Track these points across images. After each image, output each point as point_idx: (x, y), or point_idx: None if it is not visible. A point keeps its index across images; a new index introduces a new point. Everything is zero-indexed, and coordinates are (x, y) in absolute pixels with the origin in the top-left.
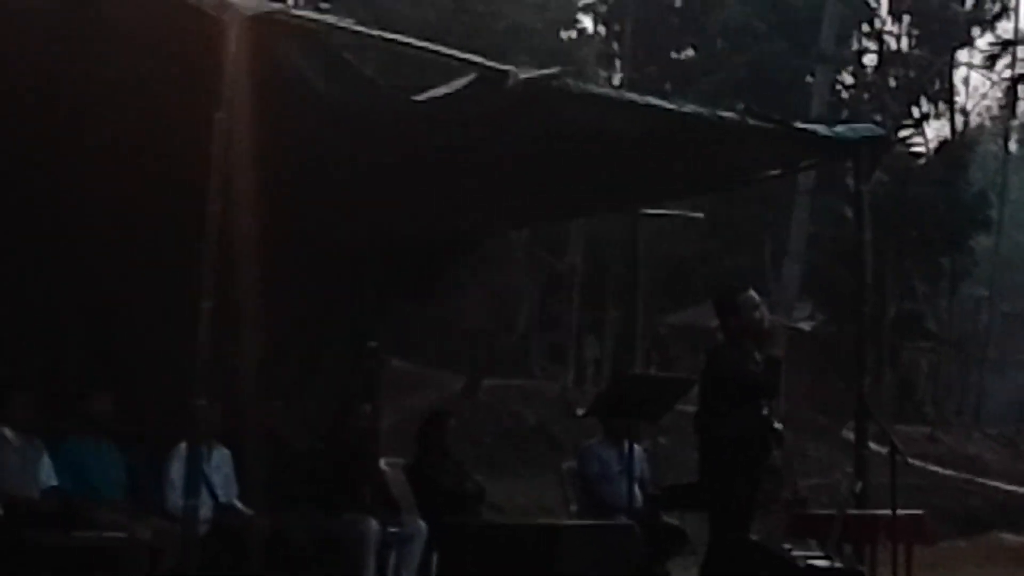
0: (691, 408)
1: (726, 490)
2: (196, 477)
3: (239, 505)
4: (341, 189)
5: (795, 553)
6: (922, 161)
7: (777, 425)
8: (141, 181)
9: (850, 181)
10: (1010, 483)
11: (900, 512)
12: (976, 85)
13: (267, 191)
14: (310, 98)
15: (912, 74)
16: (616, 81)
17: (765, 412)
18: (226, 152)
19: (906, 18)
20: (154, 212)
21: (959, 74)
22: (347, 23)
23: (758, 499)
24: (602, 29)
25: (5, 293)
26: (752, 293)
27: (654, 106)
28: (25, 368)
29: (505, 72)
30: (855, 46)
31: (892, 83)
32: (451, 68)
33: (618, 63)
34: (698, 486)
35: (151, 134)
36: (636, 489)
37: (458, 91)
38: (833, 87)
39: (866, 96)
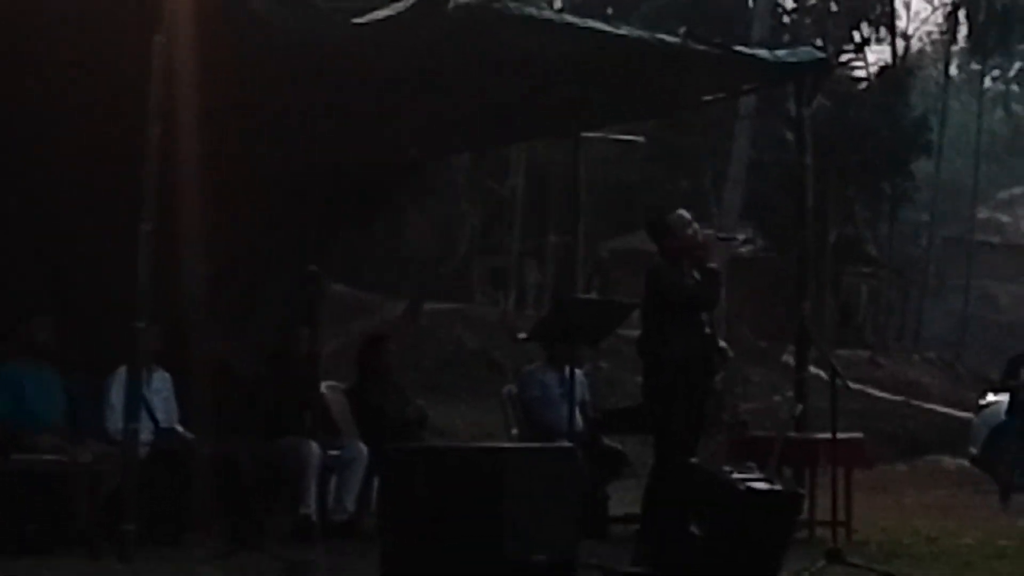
0: (633, 332)
1: (668, 413)
2: (136, 400)
3: (180, 429)
4: (283, 114)
5: (735, 476)
6: (863, 86)
7: (722, 344)
8: (82, 104)
9: (791, 106)
10: (949, 407)
11: (840, 436)
12: (917, 10)
13: (208, 116)
14: (250, 21)
15: None
16: (557, 4)
17: (708, 331)
18: (165, 76)
19: None
20: (95, 136)
21: None
22: None
23: (701, 422)
24: None
25: None
26: (682, 212)
27: (595, 29)
28: None
29: None
30: None
31: (833, 7)
32: None
33: None
34: (640, 409)
35: (91, 57)
36: (577, 413)
37: (399, 14)
38: (774, 11)
39: (807, 21)
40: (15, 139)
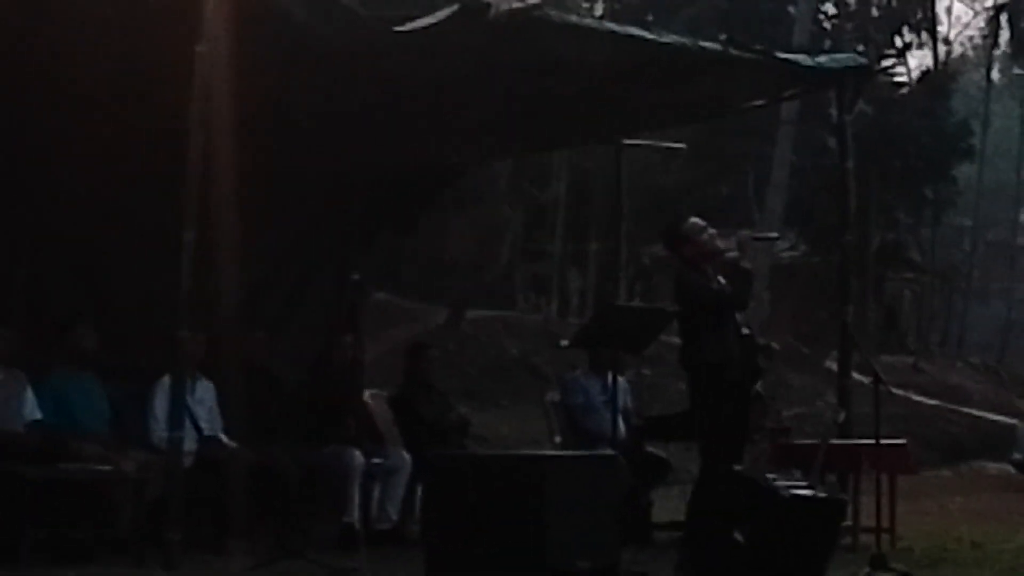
0: (675, 339)
1: (712, 419)
2: (180, 409)
3: (223, 438)
4: (324, 122)
5: (778, 482)
6: (905, 91)
7: (763, 341)
8: (124, 114)
9: (833, 111)
10: (992, 412)
11: (883, 441)
12: (959, 14)
13: (249, 124)
14: (291, 30)
15: (894, 3)
16: (598, 11)
17: (746, 332)
18: (207, 85)
19: None
20: (138, 144)
21: (942, 3)
22: None
23: (746, 427)
24: None
25: None
26: (695, 219)
27: (636, 36)
28: (8, 301)
29: (487, 3)
30: None
31: (874, 13)
32: (433, 1)
33: None
34: (684, 416)
35: (134, 68)
36: (620, 420)
37: (440, 22)
38: (815, 17)
39: (849, 26)
40: (59, 148)
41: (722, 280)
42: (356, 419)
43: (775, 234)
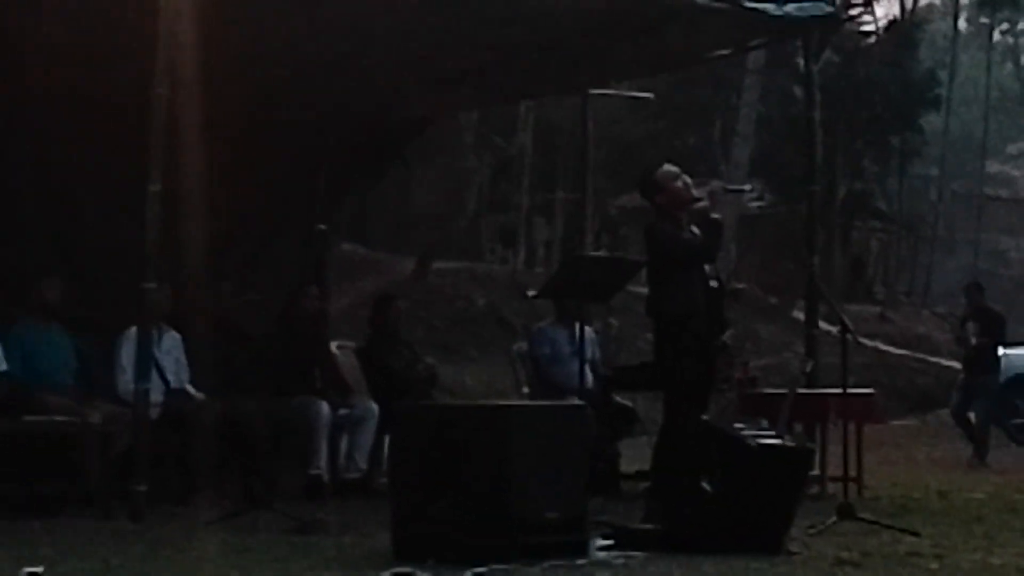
0: (642, 290)
1: (677, 369)
2: (146, 361)
3: (191, 389)
4: (291, 72)
5: (746, 432)
6: (872, 40)
7: (731, 286)
8: (89, 66)
9: (800, 60)
10: (959, 361)
11: (850, 391)
12: None
13: (216, 75)
14: None
15: None
16: None
17: (714, 284)
18: (172, 35)
19: None
20: (102, 96)
21: None
22: None
23: (711, 377)
24: None
25: None
26: (670, 166)
27: None
28: None
29: None
30: None
31: None
32: None
33: None
34: (650, 366)
35: (99, 19)
36: (587, 370)
37: None
38: None
39: None
40: (27, 102)
41: (695, 230)
42: (323, 370)
43: (747, 186)
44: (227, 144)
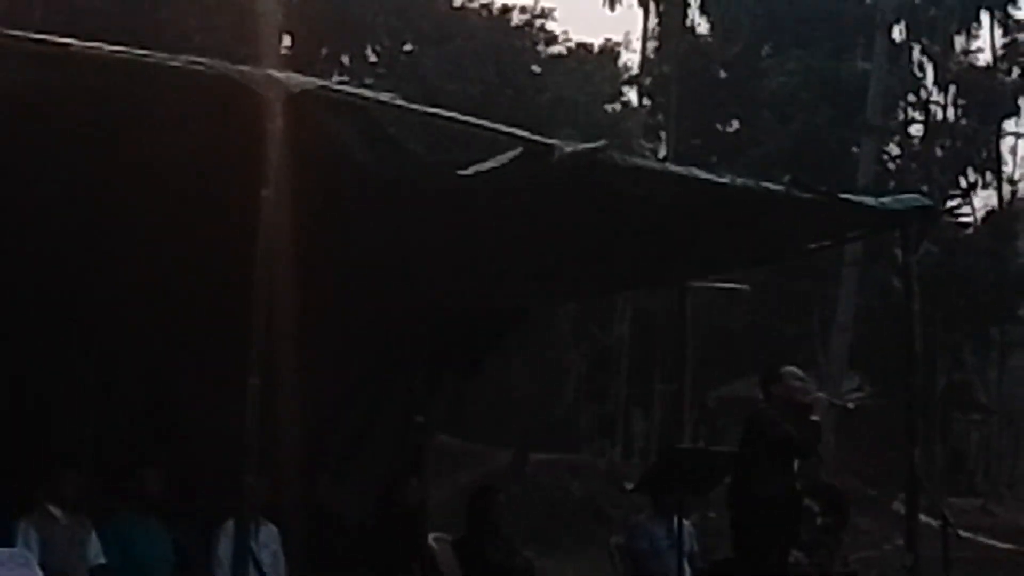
0: None
1: (758, 561)
2: (244, 555)
3: None
4: (387, 264)
5: None
6: (970, 231)
7: (812, 505)
8: (189, 258)
9: (898, 252)
10: None
11: None
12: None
13: (314, 266)
14: (356, 174)
15: (959, 144)
16: (661, 154)
17: (798, 486)
18: (272, 228)
19: (952, 88)
20: (202, 289)
21: (1006, 143)
22: (392, 98)
23: (791, 571)
24: (647, 102)
25: (58, 371)
26: (795, 368)
27: (700, 178)
28: (76, 445)
29: (550, 146)
30: (901, 116)
31: (939, 153)
32: (496, 143)
33: (663, 135)
34: (734, 558)
35: (199, 212)
36: (685, 564)
37: (503, 165)
38: (880, 158)
39: (913, 166)
40: (127, 293)
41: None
42: (421, 563)
43: (851, 405)
44: (325, 334)
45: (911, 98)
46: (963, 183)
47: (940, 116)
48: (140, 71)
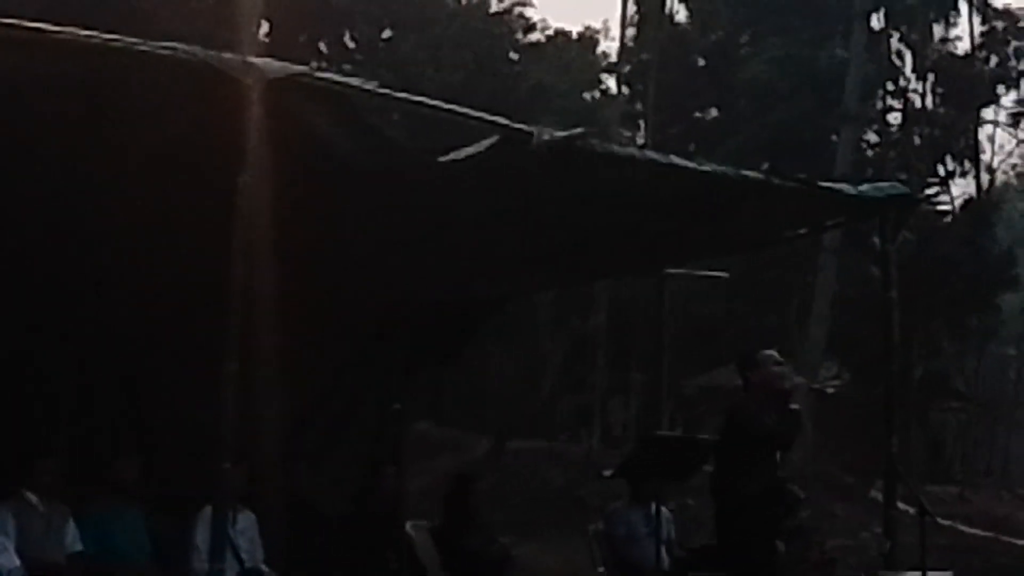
0: None
1: (743, 553)
2: (221, 541)
3: (265, 569)
4: (367, 252)
5: None
6: (948, 219)
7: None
8: (165, 245)
9: (876, 240)
10: None
11: (930, 573)
12: (1001, 143)
13: (292, 254)
14: (335, 160)
15: (937, 132)
16: (640, 142)
17: (780, 473)
18: (250, 215)
19: (931, 76)
20: (179, 276)
21: (984, 132)
22: (371, 85)
23: (776, 561)
24: (625, 90)
25: (33, 362)
26: (774, 352)
27: (678, 166)
28: (52, 434)
29: (529, 133)
30: (880, 105)
31: (917, 141)
32: (476, 130)
33: (642, 123)
34: (718, 548)
35: (175, 199)
36: (663, 551)
37: (482, 152)
38: (858, 146)
39: (891, 155)
40: (102, 282)
41: (775, 418)
42: (398, 551)
43: (831, 390)
44: (301, 323)
45: (889, 86)
46: (941, 171)
47: (918, 104)
48: (116, 57)
